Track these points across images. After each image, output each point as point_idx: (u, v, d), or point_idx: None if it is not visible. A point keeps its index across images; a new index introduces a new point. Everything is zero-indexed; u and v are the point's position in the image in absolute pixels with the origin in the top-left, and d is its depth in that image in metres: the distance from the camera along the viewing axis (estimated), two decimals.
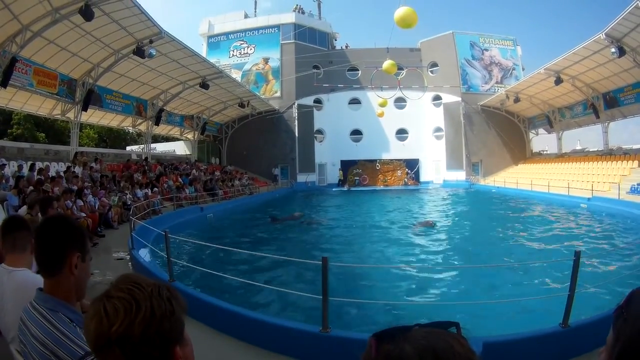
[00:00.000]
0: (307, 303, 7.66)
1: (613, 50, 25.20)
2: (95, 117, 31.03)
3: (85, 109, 25.18)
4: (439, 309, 8.50)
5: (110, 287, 1.21)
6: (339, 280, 10.03)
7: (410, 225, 20.39)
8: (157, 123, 33.66)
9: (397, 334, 0.89)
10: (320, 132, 49.86)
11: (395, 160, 48.95)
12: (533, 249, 14.69)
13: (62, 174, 18.42)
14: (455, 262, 13.41)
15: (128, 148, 50.24)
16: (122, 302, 1.13)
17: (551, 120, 41.22)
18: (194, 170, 32.89)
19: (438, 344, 0.85)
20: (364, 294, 9.63)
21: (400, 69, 32.39)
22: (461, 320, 0.93)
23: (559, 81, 31.90)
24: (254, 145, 46.00)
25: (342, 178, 48.02)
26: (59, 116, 26.72)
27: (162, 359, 1.15)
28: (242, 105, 40.55)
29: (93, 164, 23.13)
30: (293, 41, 48.16)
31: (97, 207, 16.49)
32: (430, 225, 19.25)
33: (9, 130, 47.05)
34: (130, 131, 47.19)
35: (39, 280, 2.02)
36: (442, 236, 17.58)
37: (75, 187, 16.37)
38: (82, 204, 15.48)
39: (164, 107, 33.85)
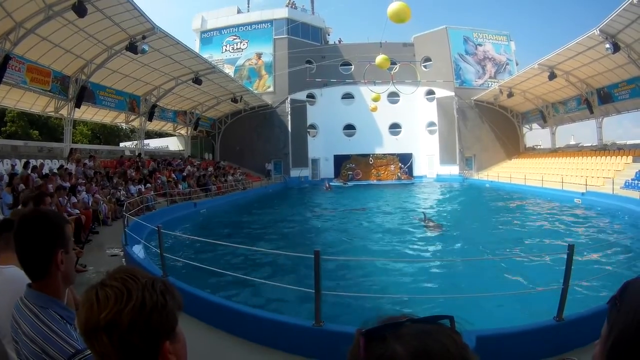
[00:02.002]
0: (303, 296, 7.71)
1: (607, 46, 25.16)
2: (88, 113, 30.95)
3: (78, 105, 25.18)
4: (433, 302, 8.50)
5: (106, 276, 1.22)
6: (335, 273, 10.15)
7: (417, 220, 20.32)
8: (150, 119, 33.60)
9: (387, 333, 0.84)
10: (313, 126, 49.90)
11: (389, 154, 49.24)
12: (527, 242, 14.77)
13: (55, 171, 18.39)
14: (449, 256, 13.48)
15: (121, 144, 50.13)
16: (114, 290, 1.15)
17: (545, 115, 41.27)
18: (188, 166, 32.87)
19: (431, 344, 0.81)
20: (358, 287, 9.71)
21: (393, 63, 32.40)
22: (455, 314, 0.91)
23: (552, 76, 31.97)
24: (247, 140, 46.03)
25: (308, 175, 48.41)
26: (52, 113, 26.68)
27: (149, 352, 1.15)
28: (235, 101, 40.52)
29: (86, 161, 23.08)
30: (286, 36, 48.10)
31: (90, 204, 16.50)
32: (438, 229, 17.54)
33: (2, 128, 46.82)
34: (124, 127, 47.01)
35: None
36: (439, 230, 17.68)
37: (67, 185, 16.38)
38: (76, 200, 15.49)
39: (157, 103, 33.81)
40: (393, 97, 46.85)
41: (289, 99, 47.21)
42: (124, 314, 1.11)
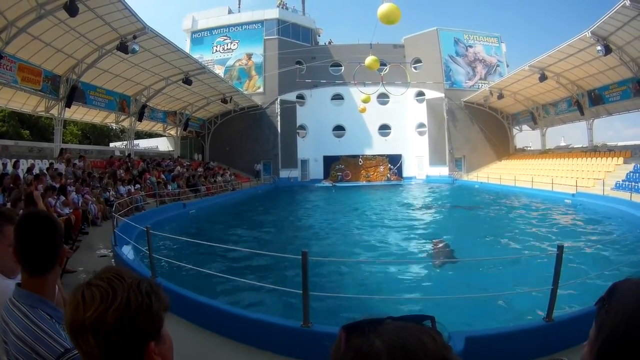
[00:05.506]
0: (292, 297, 7.74)
1: (599, 48, 25.22)
2: (78, 113, 30.88)
3: (69, 105, 25.15)
4: (421, 304, 8.55)
5: (93, 275, 1.23)
6: (323, 275, 10.20)
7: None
8: (140, 119, 33.54)
9: (367, 328, 0.86)
10: (302, 127, 49.92)
11: (378, 155, 49.15)
12: (517, 243, 14.84)
13: (45, 171, 18.34)
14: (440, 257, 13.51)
15: (111, 144, 50.00)
16: (100, 289, 1.16)
17: (535, 116, 41.64)
18: (178, 167, 32.81)
19: (409, 340, 0.83)
20: (348, 288, 9.76)
21: (383, 64, 32.48)
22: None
23: (543, 78, 32.06)
24: (236, 141, 45.97)
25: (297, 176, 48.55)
26: (42, 113, 26.62)
27: (134, 352, 1.16)
28: (224, 101, 40.49)
29: (76, 161, 23.03)
30: (276, 37, 48.10)
31: (80, 204, 16.46)
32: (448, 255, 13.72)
33: None
34: (114, 128, 46.89)
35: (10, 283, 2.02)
36: (429, 229, 17.73)
37: (57, 185, 16.34)
38: (65, 199, 15.44)
39: (147, 103, 33.78)
40: (383, 98, 46.86)
41: (278, 100, 47.15)
42: (108, 314, 1.13)
